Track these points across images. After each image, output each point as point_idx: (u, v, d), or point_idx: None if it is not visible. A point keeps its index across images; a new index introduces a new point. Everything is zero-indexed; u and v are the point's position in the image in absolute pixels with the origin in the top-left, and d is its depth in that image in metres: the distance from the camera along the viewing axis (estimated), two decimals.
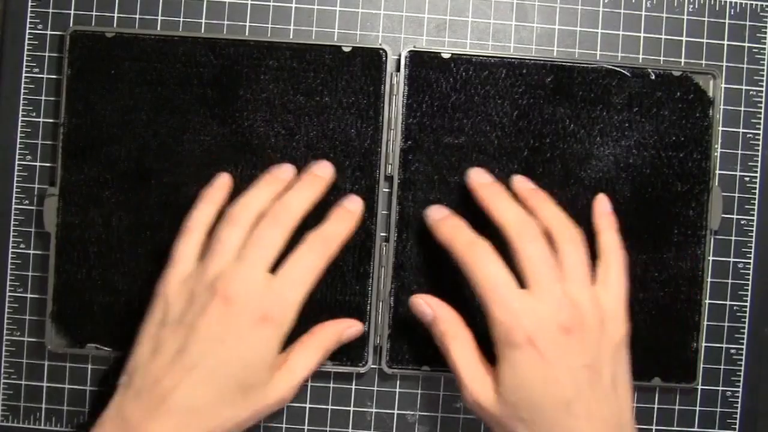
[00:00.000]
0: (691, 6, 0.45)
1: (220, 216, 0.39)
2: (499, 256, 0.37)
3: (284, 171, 0.41)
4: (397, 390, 0.45)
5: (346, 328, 0.41)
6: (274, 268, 0.37)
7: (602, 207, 0.42)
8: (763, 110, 0.45)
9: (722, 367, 0.45)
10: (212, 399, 0.35)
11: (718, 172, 0.45)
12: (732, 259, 0.45)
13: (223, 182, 0.41)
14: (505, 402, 0.36)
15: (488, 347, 0.38)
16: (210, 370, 0.35)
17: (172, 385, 0.35)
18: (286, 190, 0.40)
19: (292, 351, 0.39)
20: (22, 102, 0.44)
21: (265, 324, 0.36)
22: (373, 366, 0.43)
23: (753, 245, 0.45)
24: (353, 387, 0.45)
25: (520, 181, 0.41)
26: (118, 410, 0.35)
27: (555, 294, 0.36)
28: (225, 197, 0.41)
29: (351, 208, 0.41)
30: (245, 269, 0.36)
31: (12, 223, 0.45)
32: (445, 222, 0.40)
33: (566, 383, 0.35)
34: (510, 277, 0.37)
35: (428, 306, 0.40)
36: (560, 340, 0.36)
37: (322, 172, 0.41)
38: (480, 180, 0.41)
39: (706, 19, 0.45)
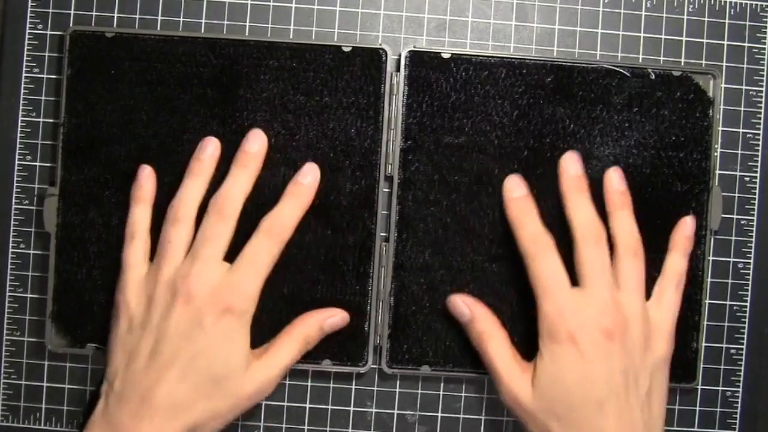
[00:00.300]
0: (691, 6, 0.45)
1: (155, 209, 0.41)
2: (559, 253, 0.39)
3: (208, 150, 0.41)
4: (397, 390, 0.45)
5: (328, 317, 0.41)
6: (230, 255, 0.38)
7: (686, 229, 0.42)
8: (763, 110, 0.45)
9: (722, 367, 0.45)
10: (190, 394, 0.36)
11: (718, 172, 0.45)
12: (732, 259, 0.45)
13: (146, 175, 0.41)
14: (541, 396, 0.37)
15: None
16: (183, 367, 0.36)
17: (150, 385, 0.36)
18: (218, 172, 0.41)
19: (272, 343, 0.39)
20: (22, 102, 0.44)
21: (227, 315, 0.37)
22: (373, 366, 0.43)
23: (753, 245, 0.45)
24: (353, 387, 0.45)
25: (611, 179, 0.41)
26: (104, 416, 0.37)
27: (604, 298, 0.38)
28: (154, 190, 0.41)
29: (306, 182, 0.41)
30: (200, 266, 0.37)
31: (12, 223, 0.45)
32: (518, 203, 0.41)
33: (601, 383, 0.36)
34: (565, 276, 0.38)
35: (466, 306, 0.41)
36: (601, 342, 0.37)
37: (254, 146, 0.41)
38: (569, 172, 0.41)
39: (706, 19, 0.45)
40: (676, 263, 0.41)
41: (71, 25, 0.44)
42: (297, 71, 0.42)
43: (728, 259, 0.45)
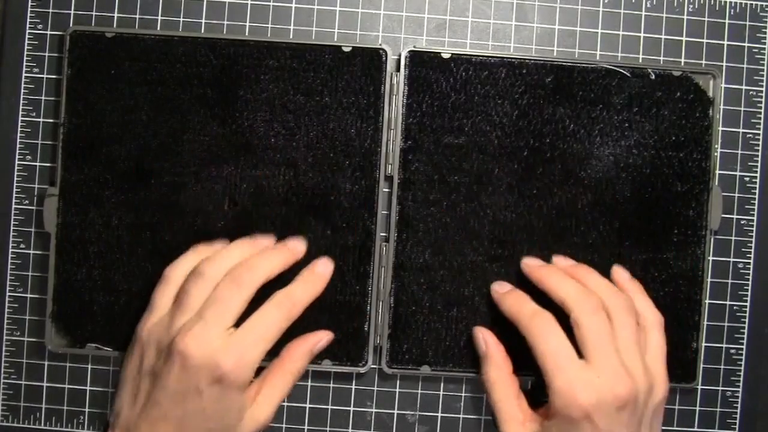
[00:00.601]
0: (691, 6, 0.45)
1: None
2: (560, 327, 0.38)
3: (264, 238, 0.42)
4: (397, 390, 0.45)
5: (315, 343, 0.41)
6: (239, 323, 0.38)
7: (623, 276, 0.42)
8: (763, 110, 0.45)
9: (722, 367, 0.45)
10: None
11: (718, 172, 0.45)
12: (732, 259, 0.45)
13: (220, 244, 0.41)
14: None
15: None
16: (177, 422, 0.36)
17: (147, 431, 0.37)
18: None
19: (264, 380, 0.39)
20: (22, 102, 0.44)
21: (220, 384, 0.36)
22: (373, 366, 0.43)
23: (753, 245, 0.45)
24: (353, 387, 0.45)
25: (561, 260, 0.43)
26: None
27: (613, 366, 0.37)
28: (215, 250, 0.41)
29: (320, 271, 0.42)
30: (201, 328, 0.37)
31: (12, 223, 0.45)
32: (509, 295, 0.41)
33: None
34: (571, 349, 0.38)
35: (485, 343, 0.41)
36: (614, 414, 0.37)
37: (295, 247, 0.42)
38: (534, 263, 0.42)
39: (706, 19, 0.45)
40: (643, 306, 0.41)
41: (71, 25, 0.44)
42: (297, 71, 0.42)
43: (728, 259, 0.45)
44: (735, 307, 0.45)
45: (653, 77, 0.43)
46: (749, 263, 0.45)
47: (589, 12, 0.45)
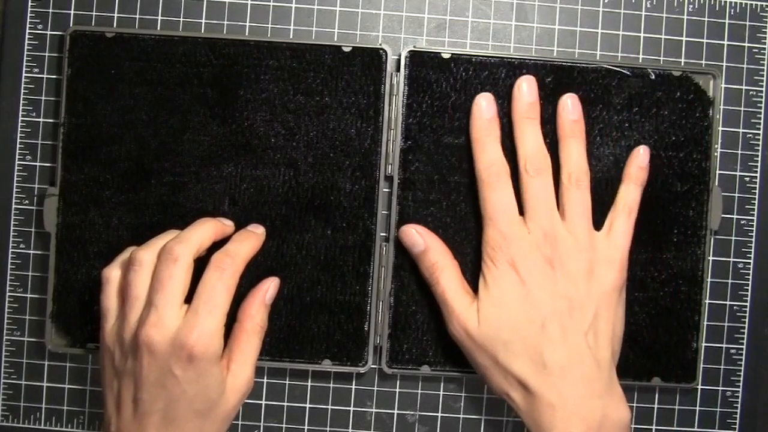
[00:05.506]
0: (691, 6, 0.45)
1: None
2: (512, 183, 0.40)
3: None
4: (397, 390, 0.45)
5: (264, 294, 0.41)
6: (190, 296, 0.38)
7: (639, 159, 0.42)
8: (763, 110, 0.45)
9: (722, 367, 0.45)
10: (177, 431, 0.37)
11: (718, 172, 0.45)
12: (732, 259, 0.45)
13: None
14: (487, 323, 0.38)
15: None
16: (164, 412, 0.37)
17: (139, 431, 0.37)
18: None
19: (232, 347, 0.39)
20: (22, 102, 0.44)
21: (193, 362, 0.36)
22: (373, 366, 0.43)
23: (753, 245, 0.45)
24: (353, 387, 0.45)
25: (565, 106, 0.42)
26: None
27: (543, 228, 0.39)
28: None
29: (253, 229, 0.42)
30: (156, 315, 0.37)
31: (12, 223, 0.45)
32: (483, 125, 0.41)
33: (542, 304, 0.38)
34: (514, 207, 0.40)
35: (420, 236, 0.41)
36: (543, 269, 0.38)
37: (225, 221, 0.42)
38: (522, 98, 0.41)
39: (706, 19, 0.45)
40: (627, 193, 0.41)
41: (71, 25, 0.44)
42: (297, 71, 0.42)
43: (728, 259, 0.45)
44: (735, 307, 0.45)
45: (653, 77, 0.43)
46: (749, 263, 0.45)
47: (589, 12, 0.45)
